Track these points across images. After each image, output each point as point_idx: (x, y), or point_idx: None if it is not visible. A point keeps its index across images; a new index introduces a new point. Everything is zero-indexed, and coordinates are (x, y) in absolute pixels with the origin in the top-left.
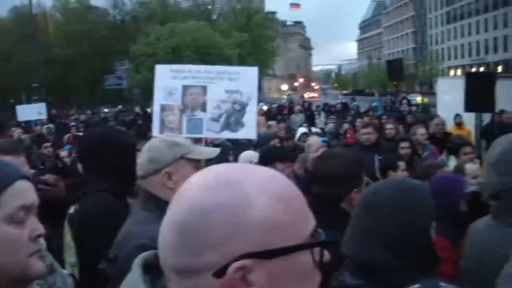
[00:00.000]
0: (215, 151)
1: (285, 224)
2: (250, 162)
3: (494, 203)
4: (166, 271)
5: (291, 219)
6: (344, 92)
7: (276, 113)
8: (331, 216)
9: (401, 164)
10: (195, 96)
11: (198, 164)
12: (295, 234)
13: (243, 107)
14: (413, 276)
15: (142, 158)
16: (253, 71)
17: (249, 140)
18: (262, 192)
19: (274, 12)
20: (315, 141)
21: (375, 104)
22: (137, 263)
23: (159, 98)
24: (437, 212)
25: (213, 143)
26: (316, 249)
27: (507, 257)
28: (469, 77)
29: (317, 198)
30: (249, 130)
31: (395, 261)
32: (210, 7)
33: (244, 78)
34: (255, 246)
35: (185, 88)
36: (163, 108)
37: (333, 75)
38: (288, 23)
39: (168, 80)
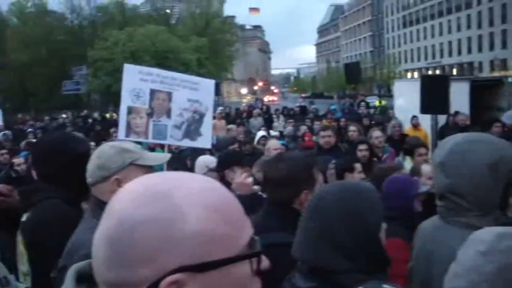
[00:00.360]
0: (165, 157)
1: (219, 236)
2: (207, 167)
3: (441, 203)
4: (99, 284)
5: (225, 231)
6: (303, 95)
7: (235, 116)
8: (284, 218)
9: (358, 166)
10: (162, 101)
11: (148, 170)
12: (230, 245)
13: (201, 117)
14: (365, 278)
15: (91, 165)
16: (211, 83)
17: None
18: (195, 203)
19: (233, 17)
20: (273, 144)
21: (333, 106)
22: (71, 274)
23: (126, 100)
24: (393, 214)
25: (179, 149)
26: (254, 258)
27: (454, 256)
28: (424, 80)
29: (269, 200)
30: (205, 139)
31: (347, 264)
32: (168, 11)
33: (203, 89)
34: (188, 259)
35: (153, 92)
36: (130, 110)
37: (292, 78)
38: (247, 27)
39: (137, 82)
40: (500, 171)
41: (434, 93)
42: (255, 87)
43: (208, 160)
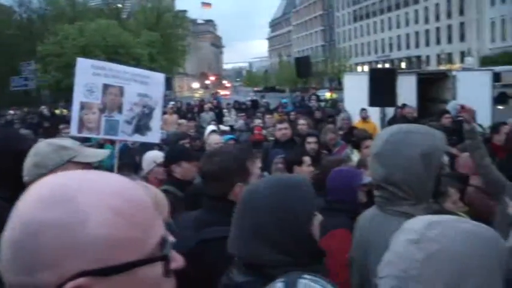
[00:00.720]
0: (103, 153)
1: (124, 240)
2: (155, 162)
3: (378, 193)
4: (6, 287)
5: (130, 234)
6: (256, 89)
7: (186, 111)
8: (221, 212)
9: (307, 159)
10: (113, 96)
11: (87, 167)
12: (136, 248)
13: (151, 111)
14: (300, 270)
15: (28, 163)
16: (161, 77)
17: None
18: (100, 206)
19: (184, 11)
20: (214, 139)
21: (284, 100)
22: None
23: (79, 95)
24: (337, 205)
25: (135, 144)
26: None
27: (388, 245)
28: (372, 73)
29: (206, 195)
30: (154, 134)
31: (281, 258)
32: (119, 6)
33: (153, 83)
34: (93, 263)
35: (105, 87)
36: (82, 106)
37: (244, 72)
38: (199, 21)
39: (89, 76)
40: (433, 161)
41: (381, 86)
42: (207, 82)
43: (155, 155)
